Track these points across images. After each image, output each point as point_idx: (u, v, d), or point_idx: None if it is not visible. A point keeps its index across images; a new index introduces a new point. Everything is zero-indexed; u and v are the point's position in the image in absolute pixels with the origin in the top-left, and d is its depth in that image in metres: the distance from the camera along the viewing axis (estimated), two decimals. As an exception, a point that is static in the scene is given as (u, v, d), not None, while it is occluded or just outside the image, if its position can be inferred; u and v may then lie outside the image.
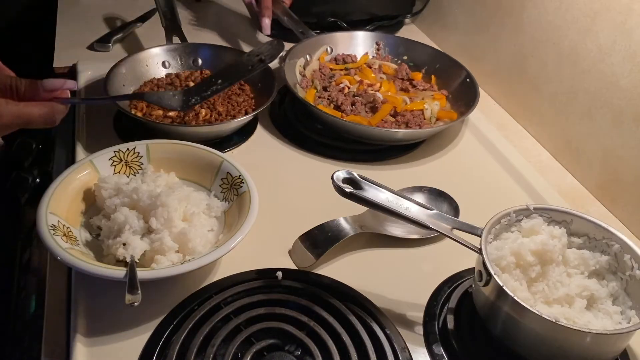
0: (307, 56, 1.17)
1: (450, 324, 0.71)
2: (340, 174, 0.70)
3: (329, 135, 1.02)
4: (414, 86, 1.15)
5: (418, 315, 0.73)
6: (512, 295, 0.62)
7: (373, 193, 0.69)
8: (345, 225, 0.81)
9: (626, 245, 0.68)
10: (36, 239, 0.69)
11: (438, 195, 0.89)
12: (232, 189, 0.81)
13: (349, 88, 1.11)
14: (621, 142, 0.91)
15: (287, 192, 0.91)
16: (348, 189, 0.69)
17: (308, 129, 1.05)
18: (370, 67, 1.18)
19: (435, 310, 0.73)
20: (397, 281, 0.77)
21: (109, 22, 1.29)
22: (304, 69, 1.16)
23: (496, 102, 1.19)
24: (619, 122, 0.91)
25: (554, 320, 0.59)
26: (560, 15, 1.01)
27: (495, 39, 1.19)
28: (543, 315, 0.60)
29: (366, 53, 1.22)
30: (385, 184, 0.71)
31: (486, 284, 0.65)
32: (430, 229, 0.69)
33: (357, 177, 0.70)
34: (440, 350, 0.69)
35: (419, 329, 0.72)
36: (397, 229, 0.83)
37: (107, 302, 0.70)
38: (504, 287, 0.62)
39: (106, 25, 1.28)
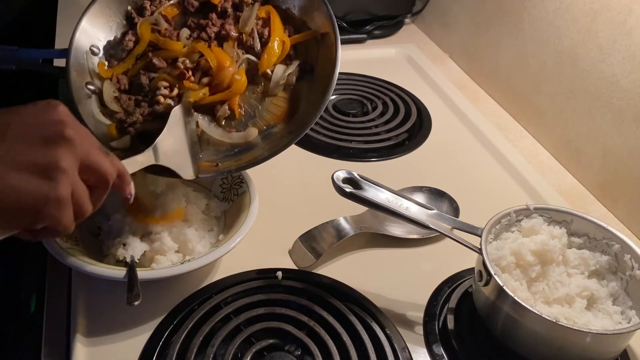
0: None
1: (450, 324, 0.71)
2: (340, 174, 0.70)
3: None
4: (221, 15, 0.83)
5: (418, 315, 0.73)
6: (512, 295, 0.62)
7: (373, 193, 0.69)
8: (345, 225, 0.81)
9: (626, 245, 0.68)
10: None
11: (438, 195, 0.89)
12: (232, 189, 0.81)
13: (171, 91, 0.77)
14: (621, 142, 0.91)
15: (287, 192, 0.91)
16: (348, 189, 0.69)
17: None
18: (156, 28, 0.80)
19: (435, 310, 0.73)
20: (397, 281, 0.77)
21: (109, 22, 1.29)
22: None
23: (496, 102, 1.19)
24: (619, 122, 0.91)
25: (554, 320, 0.59)
26: (560, 15, 1.01)
27: (495, 39, 1.19)
28: (543, 315, 0.60)
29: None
30: (385, 184, 0.71)
31: (486, 284, 0.65)
32: (430, 229, 0.69)
33: (357, 177, 0.70)
34: (440, 350, 0.69)
35: (419, 329, 0.72)
36: (397, 229, 0.83)
37: (107, 302, 0.70)
38: (504, 287, 0.62)
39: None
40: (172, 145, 0.71)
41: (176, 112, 0.73)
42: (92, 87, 0.77)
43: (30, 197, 0.49)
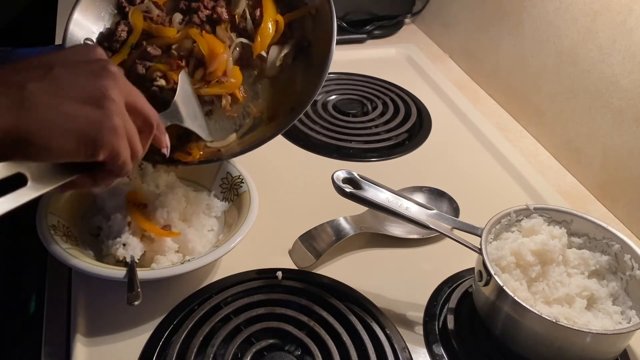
0: None
1: (450, 324, 0.71)
2: (340, 174, 0.70)
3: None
4: None
5: (418, 315, 0.73)
6: (512, 295, 0.62)
7: (373, 193, 0.69)
8: (345, 225, 0.81)
9: (626, 245, 0.68)
10: (36, 238, 0.69)
11: (438, 195, 0.89)
12: (232, 189, 0.81)
13: (167, 83, 0.76)
14: (621, 142, 0.91)
15: (287, 192, 0.91)
16: (348, 189, 0.69)
17: (308, 128, 1.05)
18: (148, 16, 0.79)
19: (435, 310, 0.73)
20: (397, 281, 0.77)
21: (109, 22, 1.29)
22: None
23: (496, 102, 1.19)
24: (619, 122, 0.91)
25: (554, 320, 0.59)
26: (560, 15, 1.01)
27: (495, 39, 1.19)
28: (543, 315, 0.60)
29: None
30: (385, 184, 0.71)
31: (486, 284, 0.65)
32: (430, 229, 0.69)
33: (357, 177, 0.70)
34: (440, 350, 0.69)
35: (419, 329, 0.72)
36: (397, 229, 0.83)
37: (107, 302, 0.70)
38: (504, 287, 0.62)
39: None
40: (187, 108, 0.72)
41: (183, 76, 0.73)
42: None
43: (86, 123, 0.50)
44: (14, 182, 0.50)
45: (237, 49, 0.80)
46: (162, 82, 0.75)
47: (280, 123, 0.77)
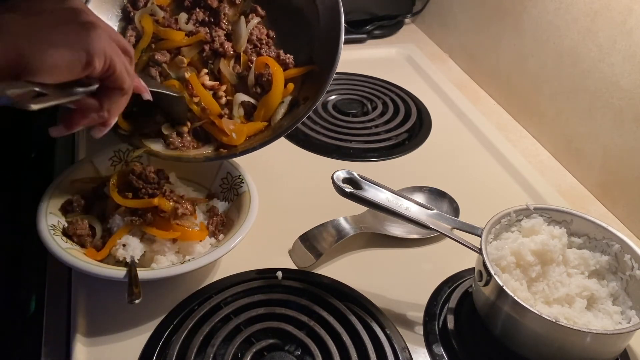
0: None
1: (450, 324, 0.71)
2: (341, 174, 0.70)
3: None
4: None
5: (418, 315, 0.73)
6: (512, 295, 0.62)
7: (373, 193, 0.69)
8: (345, 225, 0.81)
9: (626, 245, 0.68)
10: (36, 238, 0.69)
11: (438, 195, 0.89)
12: (232, 189, 0.81)
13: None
14: (621, 142, 0.91)
15: (287, 192, 0.91)
16: (348, 189, 0.69)
17: (308, 128, 1.05)
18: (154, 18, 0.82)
19: (435, 310, 0.73)
20: (397, 281, 0.77)
21: (109, 22, 1.29)
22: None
23: (496, 102, 1.19)
24: (619, 122, 0.91)
25: (554, 320, 0.59)
26: (560, 15, 1.01)
27: (495, 39, 1.19)
28: (543, 315, 0.60)
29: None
30: (385, 184, 0.71)
31: (486, 284, 0.65)
32: (430, 229, 0.69)
33: (357, 177, 0.70)
34: (440, 350, 0.69)
35: (419, 329, 0.72)
36: (397, 229, 0.83)
37: (107, 302, 0.70)
38: (504, 287, 0.62)
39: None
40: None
41: None
42: None
43: (76, 38, 0.53)
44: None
45: (241, 110, 0.82)
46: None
47: (297, 114, 0.81)
